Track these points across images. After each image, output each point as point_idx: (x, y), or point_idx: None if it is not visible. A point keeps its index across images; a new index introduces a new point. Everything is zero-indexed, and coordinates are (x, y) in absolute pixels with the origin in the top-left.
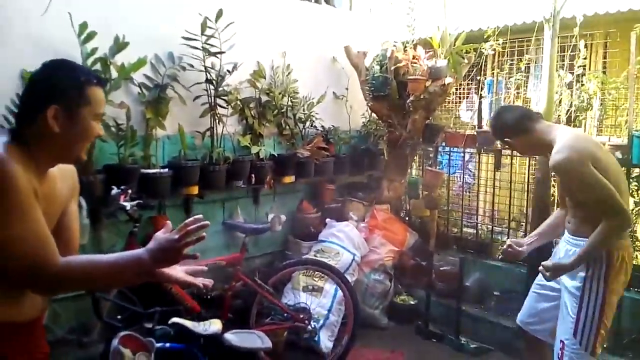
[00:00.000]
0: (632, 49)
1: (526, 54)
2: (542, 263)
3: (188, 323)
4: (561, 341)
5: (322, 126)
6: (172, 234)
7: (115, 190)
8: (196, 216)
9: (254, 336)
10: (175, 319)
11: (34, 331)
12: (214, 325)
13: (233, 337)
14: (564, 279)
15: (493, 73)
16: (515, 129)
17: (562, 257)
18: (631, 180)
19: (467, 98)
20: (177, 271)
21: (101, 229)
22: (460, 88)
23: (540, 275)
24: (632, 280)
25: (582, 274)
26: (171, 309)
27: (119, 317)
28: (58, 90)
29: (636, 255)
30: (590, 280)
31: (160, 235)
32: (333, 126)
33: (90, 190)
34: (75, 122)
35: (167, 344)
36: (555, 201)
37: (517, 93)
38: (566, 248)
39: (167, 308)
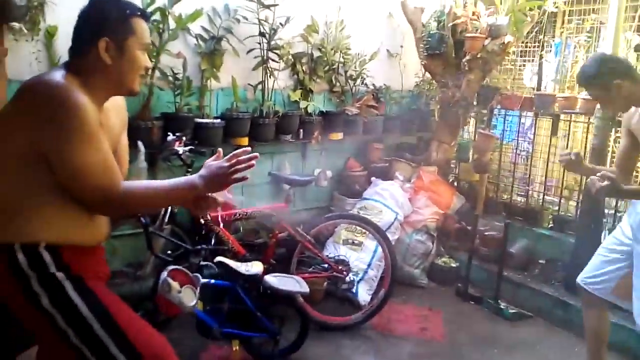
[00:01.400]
0: None
1: (593, 13)
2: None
3: (232, 263)
4: None
5: (374, 84)
6: (222, 162)
7: (171, 137)
8: (245, 148)
9: (292, 281)
10: (220, 258)
11: (99, 254)
12: (256, 267)
13: (273, 280)
14: None
15: (561, 33)
16: (629, 74)
17: (633, 222)
18: None
19: (532, 61)
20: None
21: (157, 172)
22: (521, 48)
23: (608, 239)
24: None
25: None
26: (217, 247)
27: (169, 252)
28: (106, 23)
29: None
30: None
31: (212, 162)
32: (385, 85)
33: (148, 135)
34: (124, 53)
35: (212, 281)
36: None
37: (585, 56)
38: (637, 211)
39: (214, 247)
